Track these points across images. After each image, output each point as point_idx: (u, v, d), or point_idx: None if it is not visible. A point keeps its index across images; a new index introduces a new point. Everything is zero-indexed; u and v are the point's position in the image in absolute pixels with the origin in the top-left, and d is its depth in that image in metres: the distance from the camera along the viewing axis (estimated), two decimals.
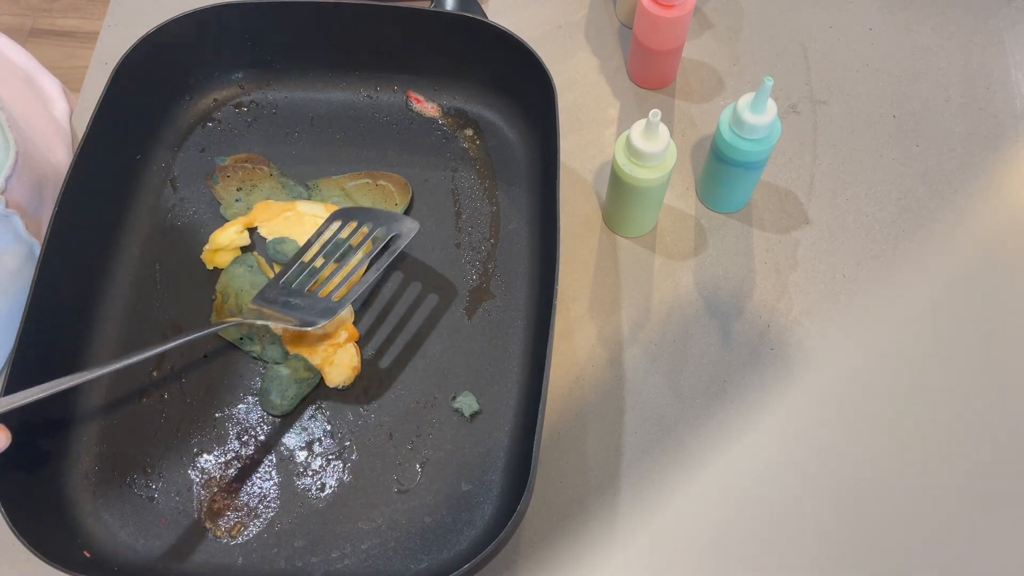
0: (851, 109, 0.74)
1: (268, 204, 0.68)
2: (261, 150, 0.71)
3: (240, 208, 0.68)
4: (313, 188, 0.69)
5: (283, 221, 0.67)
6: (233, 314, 0.64)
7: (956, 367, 0.22)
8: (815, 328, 0.65)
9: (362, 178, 0.69)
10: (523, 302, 0.64)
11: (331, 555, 0.57)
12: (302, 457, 0.60)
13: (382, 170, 0.70)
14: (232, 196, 0.69)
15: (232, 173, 0.70)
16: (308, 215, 0.67)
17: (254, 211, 0.67)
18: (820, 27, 0.78)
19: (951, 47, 0.76)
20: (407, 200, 0.68)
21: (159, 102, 0.71)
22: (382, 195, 0.68)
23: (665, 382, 0.63)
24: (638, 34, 0.70)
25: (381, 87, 0.73)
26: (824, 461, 0.22)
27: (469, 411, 0.60)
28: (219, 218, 0.68)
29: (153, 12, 0.71)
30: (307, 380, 0.62)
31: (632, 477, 0.60)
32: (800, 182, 0.70)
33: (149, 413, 0.61)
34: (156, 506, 0.59)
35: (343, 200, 0.68)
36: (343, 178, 0.69)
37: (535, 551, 0.58)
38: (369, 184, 0.69)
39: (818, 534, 0.21)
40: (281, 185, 0.69)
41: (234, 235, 0.66)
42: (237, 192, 0.69)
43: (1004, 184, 0.26)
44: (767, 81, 0.57)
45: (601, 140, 0.73)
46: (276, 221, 0.67)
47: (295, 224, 0.67)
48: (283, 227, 0.67)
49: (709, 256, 0.68)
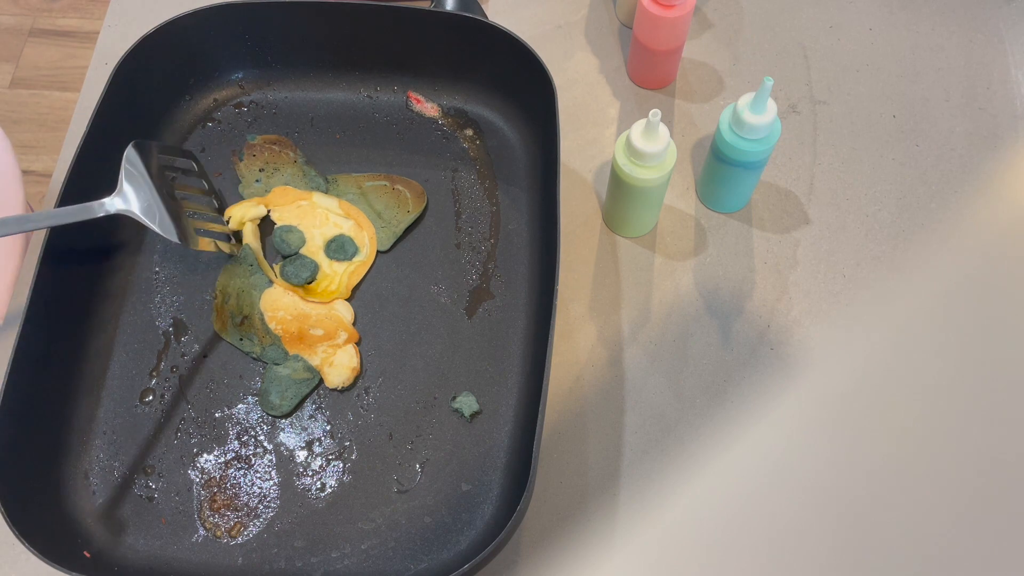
0: (851, 109, 0.74)
1: (286, 190, 0.68)
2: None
3: (258, 189, 0.69)
4: (332, 182, 0.69)
5: (296, 209, 0.67)
6: (233, 315, 0.64)
7: (957, 367, 0.22)
8: (815, 328, 0.65)
9: (380, 179, 0.69)
10: (523, 302, 0.64)
11: (331, 555, 0.57)
12: (302, 457, 0.60)
13: (382, 171, 0.70)
14: (253, 176, 0.69)
15: (258, 152, 0.70)
16: (321, 208, 0.67)
17: (271, 194, 0.68)
18: (820, 27, 0.78)
19: (951, 47, 0.76)
20: (420, 209, 0.68)
21: (159, 102, 0.71)
22: (396, 199, 0.68)
23: (665, 382, 0.63)
24: (638, 34, 0.70)
25: (381, 87, 0.73)
26: (824, 461, 0.22)
27: (469, 411, 0.60)
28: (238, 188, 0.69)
29: (153, 12, 0.71)
30: (307, 380, 0.62)
31: (632, 477, 0.60)
32: (800, 182, 0.70)
33: (149, 413, 0.61)
34: (156, 506, 0.59)
35: (358, 198, 0.68)
36: (362, 176, 0.69)
37: (535, 551, 0.58)
38: (386, 187, 0.69)
39: (818, 534, 0.21)
40: (303, 173, 0.69)
41: (250, 208, 0.67)
42: (259, 172, 0.69)
43: (1004, 184, 0.26)
44: (767, 81, 0.57)
45: (601, 140, 0.73)
46: (290, 208, 0.67)
47: (307, 214, 0.67)
48: (295, 215, 0.67)
49: (709, 256, 0.68)
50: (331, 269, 0.66)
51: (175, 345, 0.63)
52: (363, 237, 0.67)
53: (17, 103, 1.58)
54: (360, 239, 0.67)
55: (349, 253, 0.66)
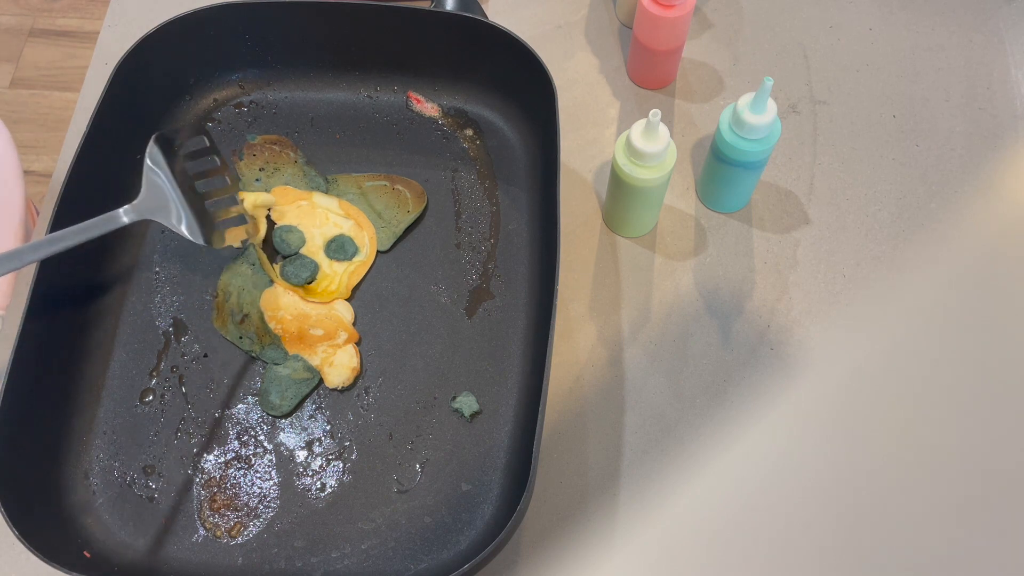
0: (851, 109, 0.74)
1: (286, 189, 0.68)
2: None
3: (259, 189, 0.69)
4: (332, 182, 0.69)
5: (296, 209, 0.67)
6: (234, 313, 0.64)
7: (957, 367, 0.22)
8: (815, 328, 0.65)
9: (380, 180, 0.69)
10: (523, 302, 0.64)
11: (331, 555, 0.57)
12: (302, 457, 0.60)
13: (382, 171, 0.70)
14: (253, 175, 0.69)
15: (258, 152, 0.70)
16: (321, 208, 0.67)
17: (271, 194, 0.68)
18: (820, 27, 0.78)
19: (951, 47, 0.76)
20: (420, 209, 0.68)
21: (159, 102, 0.71)
22: (396, 199, 0.68)
23: (665, 382, 0.63)
24: (638, 34, 0.70)
25: (381, 87, 0.73)
26: (824, 461, 0.22)
27: (469, 411, 0.60)
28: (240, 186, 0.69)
29: (153, 12, 0.71)
30: (307, 380, 0.62)
31: (632, 477, 0.60)
32: (800, 182, 0.70)
33: (149, 413, 0.61)
34: (156, 506, 0.59)
35: (358, 198, 0.68)
36: (362, 176, 0.69)
37: (535, 551, 0.58)
38: (386, 187, 0.69)
39: (818, 534, 0.21)
40: (303, 173, 0.69)
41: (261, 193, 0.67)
42: (259, 172, 0.69)
43: (1004, 184, 0.26)
44: (767, 81, 0.57)
45: (601, 140, 0.73)
46: (290, 208, 0.67)
47: (307, 214, 0.67)
48: (295, 215, 0.67)
49: (709, 256, 0.68)
50: (331, 269, 0.66)
51: (175, 345, 0.63)
52: (363, 237, 0.67)
53: (17, 103, 1.58)
54: (360, 239, 0.67)
55: (349, 253, 0.66)
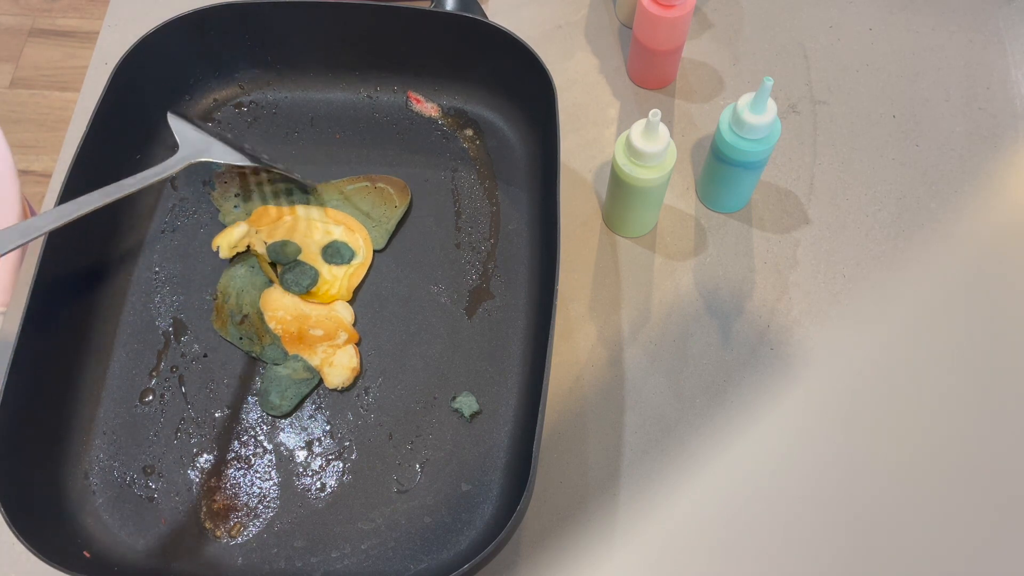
0: (851, 109, 0.74)
1: (266, 209, 0.68)
2: (262, 150, 0.71)
3: (239, 215, 0.68)
4: (313, 192, 0.69)
5: (284, 225, 0.67)
6: (233, 314, 0.64)
7: (957, 367, 0.22)
8: (815, 328, 0.65)
9: (360, 181, 0.69)
10: (523, 302, 0.64)
11: (331, 555, 0.57)
12: (302, 457, 0.60)
13: (382, 171, 0.70)
14: (231, 203, 0.68)
15: (229, 179, 0.69)
16: (308, 219, 0.67)
17: (252, 217, 0.67)
18: (820, 27, 0.78)
19: (951, 47, 0.76)
20: (406, 202, 0.68)
21: (159, 102, 0.71)
22: (380, 197, 0.68)
23: (665, 382, 0.63)
24: (638, 34, 0.70)
25: (381, 87, 0.73)
26: (825, 461, 0.22)
27: (469, 411, 0.60)
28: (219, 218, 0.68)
29: (153, 12, 0.71)
30: (306, 380, 0.62)
31: (632, 477, 0.60)
32: (800, 182, 0.70)
33: (149, 413, 0.61)
34: (156, 506, 0.58)
35: (342, 203, 0.68)
36: (342, 182, 0.69)
37: (535, 551, 0.58)
38: (368, 187, 0.69)
39: (819, 534, 0.21)
40: (282, 189, 0.69)
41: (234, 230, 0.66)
42: (235, 198, 0.69)
43: (1004, 184, 0.26)
44: (767, 81, 0.57)
45: (601, 140, 0.73)
46: (278, 225, 0.67)
47: (296, 227, 0.67)
48: (285, 231, 0.67)
49: (709, 256, 0.68)
50: (331, 274, 0.65)
51: (175, 345, 0.63)
52: (356, 240, 0.67)
53: (17, 103, 1.58)
54: (354, 242, 0.67)
55: (346, 257, 0.66)
